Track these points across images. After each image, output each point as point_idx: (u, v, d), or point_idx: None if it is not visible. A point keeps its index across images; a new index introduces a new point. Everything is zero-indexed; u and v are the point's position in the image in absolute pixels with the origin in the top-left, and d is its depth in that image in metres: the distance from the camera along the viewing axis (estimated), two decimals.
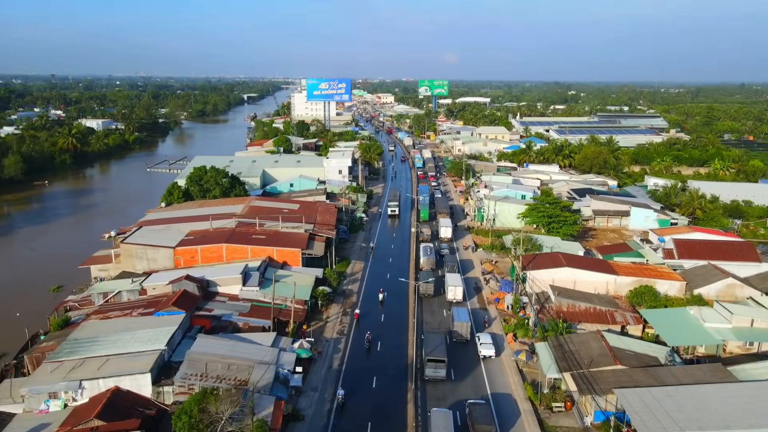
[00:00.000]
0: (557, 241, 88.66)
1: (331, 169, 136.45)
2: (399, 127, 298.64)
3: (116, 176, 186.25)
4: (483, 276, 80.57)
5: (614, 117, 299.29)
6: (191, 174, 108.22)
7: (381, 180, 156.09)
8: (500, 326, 66.74)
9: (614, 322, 62.64)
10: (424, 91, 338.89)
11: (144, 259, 74.50)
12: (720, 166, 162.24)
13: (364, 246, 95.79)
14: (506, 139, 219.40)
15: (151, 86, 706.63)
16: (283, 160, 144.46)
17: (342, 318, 67.45)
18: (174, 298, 59.90)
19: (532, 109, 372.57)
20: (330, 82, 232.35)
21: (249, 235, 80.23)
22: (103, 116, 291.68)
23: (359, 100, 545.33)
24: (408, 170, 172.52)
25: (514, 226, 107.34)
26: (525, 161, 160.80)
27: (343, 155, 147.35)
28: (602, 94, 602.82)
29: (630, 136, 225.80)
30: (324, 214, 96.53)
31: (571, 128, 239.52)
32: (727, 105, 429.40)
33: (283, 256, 76.65)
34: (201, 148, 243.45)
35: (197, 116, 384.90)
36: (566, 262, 72.57)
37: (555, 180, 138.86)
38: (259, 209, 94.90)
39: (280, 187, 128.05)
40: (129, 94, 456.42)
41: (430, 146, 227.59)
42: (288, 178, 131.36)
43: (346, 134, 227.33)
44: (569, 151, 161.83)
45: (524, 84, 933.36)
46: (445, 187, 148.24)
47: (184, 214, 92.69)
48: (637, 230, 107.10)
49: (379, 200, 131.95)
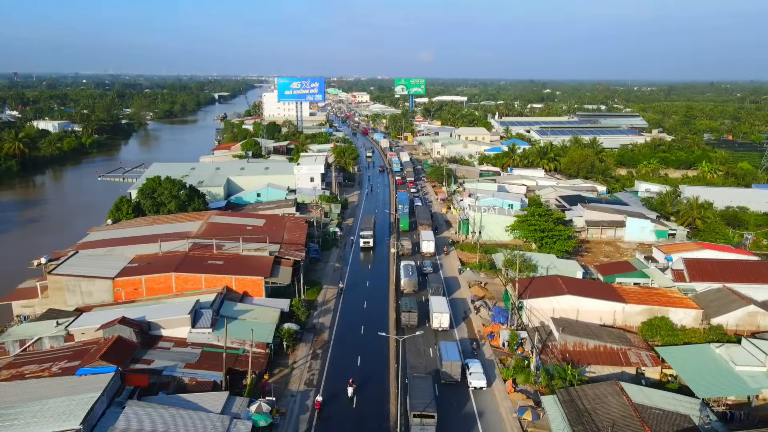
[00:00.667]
0: (552, 259, 79.94)
1: (302, 177, 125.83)
2: (375, 128, 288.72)
3: (65, 185, 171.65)
4: (472, 303, 71.23)
5: (594, 116, 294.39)
6: (143, 186, 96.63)
7: (356, 186, 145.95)
8: (489, 349, 59.26)
9: (628, 363, 53.91)
10: (400, 90, 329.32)
11: (77, 293, 63.22)
12: (708, 169, 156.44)
13: (338, 266, 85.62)
14: (487, 140, 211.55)
15: (119, 84, 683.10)
16: (250, 167, 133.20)
17: (311, 362, 57.31)
18: (104, 349, 49.04)
19: (509, 108, 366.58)
20: (302, 82, 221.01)
21: (204, 260, 69.46)
22: (61, 117, 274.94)
23: (334, 99, 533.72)
24: (386, 177, 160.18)
25: (502, 238, 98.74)
26: (509, 165, 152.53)
27: (316, 160, 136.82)
28: (577, 92, 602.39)
29: (612, 137, 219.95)
30: (293, 230, 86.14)
31: (552, 129, 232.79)
32: (702, 104, 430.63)
33: (243, 286, 66.16)
34: (166, 152, 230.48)
35: (164, 117, 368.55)
36: (567, 289, 63.73)
37: (542, 186, 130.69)
38: (218, 227, 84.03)
39: (246, 198, 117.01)
40: (92, 93, 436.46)
41: (407, 148, 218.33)
42: (255, 187, 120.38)
43: (320, 136, 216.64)
44: (554, 154, 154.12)
45: (499, 82, 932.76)
46: (426, 194, 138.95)
47: (132, 234, 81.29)
48: (633, 242, 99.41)
49: (354, 210, 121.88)
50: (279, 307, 63.21)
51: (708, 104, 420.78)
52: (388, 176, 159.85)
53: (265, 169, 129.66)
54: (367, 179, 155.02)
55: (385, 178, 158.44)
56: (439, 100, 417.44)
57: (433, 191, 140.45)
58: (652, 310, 62.36)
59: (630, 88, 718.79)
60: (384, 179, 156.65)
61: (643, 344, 57.14)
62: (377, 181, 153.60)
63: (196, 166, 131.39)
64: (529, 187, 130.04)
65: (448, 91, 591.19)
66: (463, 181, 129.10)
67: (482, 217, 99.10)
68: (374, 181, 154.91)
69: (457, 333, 65.98)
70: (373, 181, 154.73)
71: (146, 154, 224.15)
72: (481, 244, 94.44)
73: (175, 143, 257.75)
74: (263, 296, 66.16)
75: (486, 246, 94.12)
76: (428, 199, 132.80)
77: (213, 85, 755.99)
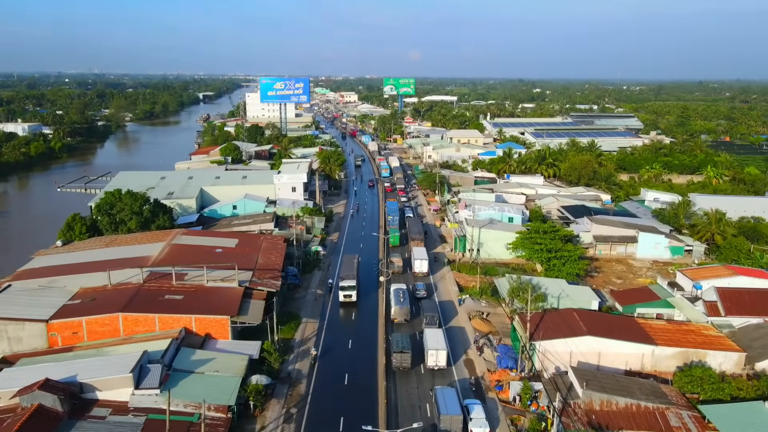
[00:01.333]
0: (562, 285, 70.52)
1: (283, 186, 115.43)
2: (363, 130, 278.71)
3: (24, 196, 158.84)
4: (475, 344, 61.46)
5: (588, 117, 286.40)
6: (101, 201, 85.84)
7: (343, 195, 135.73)
8: (488, 385, 52.96)
9: (668, 427, 44.49)
10: (389, 90, 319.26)
11: (3, 339, 52.68)
12: (713, 174, 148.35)
13: (320, 293, 75.62)
14: (480, 143, 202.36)
15: (101, 84, 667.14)
16: (227, 176, 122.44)
17: (284, 427, 47.27)
18: (16, 426, 38.72)
19: (501, 108, 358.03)
20: (286, 82, 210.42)
21: (160, 294, 59.10)
22: (33, 118, 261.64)
23: (321, 98, 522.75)
24: (376, 192, 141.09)
25: (503, 256, 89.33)
26: (505, 171, 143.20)
27: (298, 167, 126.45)
28: (567, 91, 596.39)
29: (609, 139, 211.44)
30: (269, 252, 75.93)
31: (547, 131, 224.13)
32: (695, 104, 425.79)
33: (205, 327, 55.94)
34: (142, 156, 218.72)
35: (144, 118, 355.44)
36: (587, 328, 54.30)
37: (542, 195, 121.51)
38: (183, 249, 73.65)
39: (221, 210, 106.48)
40: (71, 93, 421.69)
41: (397, 151, 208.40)
42: (231, 198, 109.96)
43: (305, 139, 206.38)
44: (553, 159, 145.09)
45: (488, 81, 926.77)
46: (417, 203, 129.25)
47: (82, 259, 70.66)
48: (646, 259, 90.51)
49: (340, 223, 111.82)
50: (247, 354, 53.07)
51: (700, 104, 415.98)
52: (378, 190, 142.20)
53: (243, 179, 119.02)
54: (353, 193, 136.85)
55: (375, 193, 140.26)
56: (428, 100, 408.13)
57: (425, 200, 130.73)
58: (687, 353, 53.16)
59: (619, 87, 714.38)
60: (373, 195, 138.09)
61: (682, 400, 47.77)
62: (365, 196, 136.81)
63: (167, 175, 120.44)
64: (529, 196, 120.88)
65: (437, 90, 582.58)
66: (457, 190, 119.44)
67: (481, 233, 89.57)
68: (362, 193, 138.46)
69: (456, 372, 56.71)
70: (361, 193, 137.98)
71: (121, 159, 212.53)
72: (480, 264, 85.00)
73: (152, 147, 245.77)
74: (229, 338, 55.96)
75: (485, 266, 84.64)
76: (420, 210, 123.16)
77: (198, 84, 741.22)
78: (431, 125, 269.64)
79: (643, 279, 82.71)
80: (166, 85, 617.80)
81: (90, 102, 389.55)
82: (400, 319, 69.13)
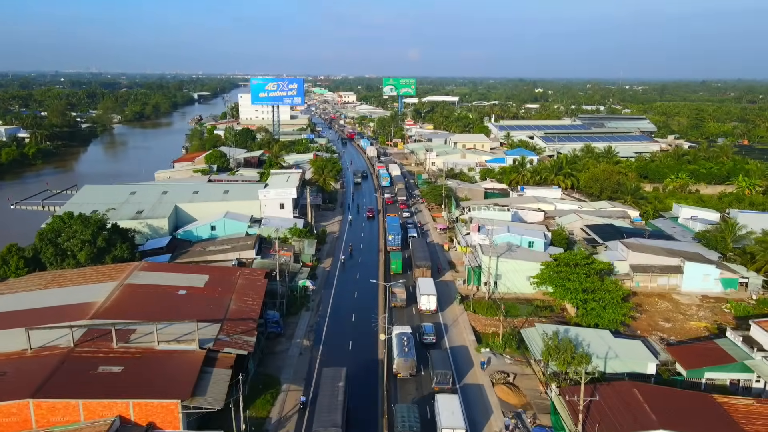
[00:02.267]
0: (607, 338, 56.78)
1: (270, 203, 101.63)
2: (362, 132, 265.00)
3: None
4: (506, 429, 47.38)
5: (598, 119, 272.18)
6: (46, 227, 71.92)
7: (338, 210, 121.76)
8: None
9: None
10: (388, 91, 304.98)
11: None
12: (746, 185, 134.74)
13: (306, 345, 61.82)
14: (486, 147, 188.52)
15: (96, 83, 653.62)
16: (207, 191, 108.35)
17: None
18: None
19: (504, 109, 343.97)
20: (279, 83, 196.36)
21: (93, 366, 45.26)
22: (14, 121, 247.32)
23: (319, 99, 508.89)
24: (376, 226, 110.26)
25: (525, 290, 75.74)
26: (518, 182, 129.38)
27: (288, 180, 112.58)
28: (569, 91, 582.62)
29: (624, 144, 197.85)
30: (245, 294, 62.13)
31: (558, 135, 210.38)
32: (704, 104, 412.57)
33: (147, 414, 42.11)
34: (125, 162, 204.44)
35: (134, 119, 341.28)
36: (659, 420, 40.60)
37: (562, 211, 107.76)
38: (139, 292, 59.83)
39: (197, 231, 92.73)
40: (59, 93, 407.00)
41: (397, 157, 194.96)
42: (210, 216, 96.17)
43: (299, 144, 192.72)
44: (570, 169, 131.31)
45: (488, 81, 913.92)
46: (420, 218, 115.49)
47: (9, 307, 56.79)
48: (694, 293, 76.92)
49: (333, 245, 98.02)
50: None
51: (709, 105, 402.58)
52: (378, 225, 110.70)
53: (225, 194, 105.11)
54: (347, 223, 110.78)
55: (375, 227, 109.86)
56: (429, 100, 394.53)
57: (430, 215, 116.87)
58: None
59: (621, 86, 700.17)
60: (373, 229, 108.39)
61: None
62: (360, 230, 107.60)
63: (139, 189, 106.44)
64: (547, 212, 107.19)
65: (437, 90, 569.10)
66: (467, 206, 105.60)
67: (498, 263, 75.91)
68: (358, 226, 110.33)
69: None
70: (357, 225, 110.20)
71: (101, 166, 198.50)
72: (498, 299, 71.37)
73: (137, 151, 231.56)
74: (179, 429, 42.16)
75: (506, 302, 71.01)
76: (425, 227, 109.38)
77: (194, 84, 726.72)
78: (433, 128, 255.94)
79: (695, 322, 69.09)
80: (161, 84, 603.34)
81: (79, 102, 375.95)
82: (404, 374, 56.02)
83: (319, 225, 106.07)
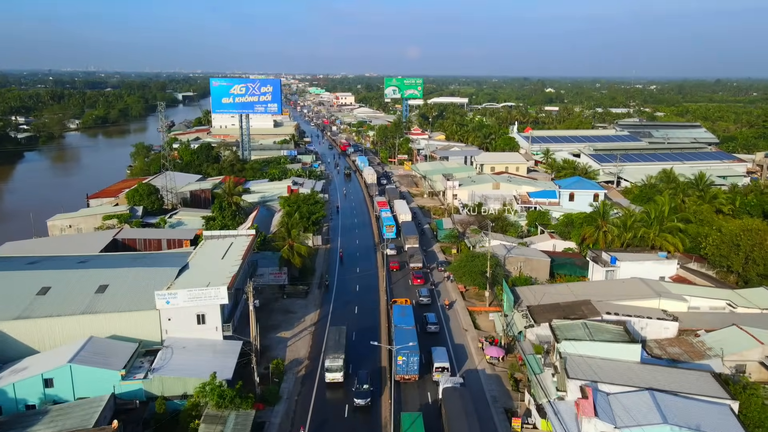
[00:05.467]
0: None
1: (178, 316, 54.90)
2: (359, 144, 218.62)
3: None
4: None
5: (643, 128, 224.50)
6: None
7: (313, 295, 74.59)
8: None
9: None
10: (391, 93, 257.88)
11: None
12: None
13: None
14: (522, 171, 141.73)
15: (81, 82, 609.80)
16: (65, 285, 59.94)
17: None
18: None
19: (524, 114, 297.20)
20: (248, 84, 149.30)
21: None
22: None
23: (314, 100, 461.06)
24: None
25: None
26: (595, 242, 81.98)
27: (227, 254, 66.18)
28: (582, 91, 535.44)
29: (700, 164, 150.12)
30: None
31: (608, 151, 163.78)
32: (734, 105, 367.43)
33: None
34: (52, 187, 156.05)
35: (96, 125, 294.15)
36: None
37: (708, 320, 60.72)
38: None
39: (19, 391, 46.49)
40: (21, 95, 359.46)
41: (403, 180, 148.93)
42: (57, 344, 50.15)
43: (275, 164, 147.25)
44: (678, 219, 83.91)
45: (491, 79, 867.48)
46: (454, 327, 68.34)
47: None
48: None
49: (296, 391, 51.41)
50: None
51: (735, 106, 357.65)
52: (380, 318, 67.76)
53: (97, 293, 57.56)
54: (335, 283, 74.16)
55: (374, 319, 67.61)
56: (435, 102, 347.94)
57: (465, 309, 69.93)
58: None
59: (632, 86, 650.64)
60: (373, 324, 66.11)
61: None
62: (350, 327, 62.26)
63: None
64: (681, 321, 60.13)
65: (441, 90, 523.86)
66: (539, 316, 58.41)
67: None
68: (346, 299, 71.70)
69: None
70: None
71: (9, 195, 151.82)
72: None
73: (78, 170, 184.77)
74: None
75: None
76: (454, 336, 62.59)
77: (187, 83, 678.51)
78: (445, 138, 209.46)
79: None
80: (142, 84, 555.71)
81: (36, 105, 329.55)
82: None
83: (273, 339, 59.65)
